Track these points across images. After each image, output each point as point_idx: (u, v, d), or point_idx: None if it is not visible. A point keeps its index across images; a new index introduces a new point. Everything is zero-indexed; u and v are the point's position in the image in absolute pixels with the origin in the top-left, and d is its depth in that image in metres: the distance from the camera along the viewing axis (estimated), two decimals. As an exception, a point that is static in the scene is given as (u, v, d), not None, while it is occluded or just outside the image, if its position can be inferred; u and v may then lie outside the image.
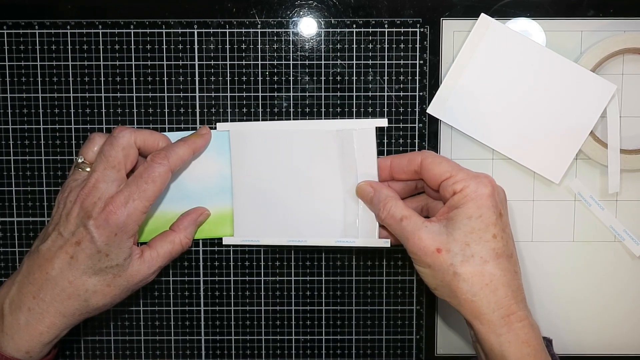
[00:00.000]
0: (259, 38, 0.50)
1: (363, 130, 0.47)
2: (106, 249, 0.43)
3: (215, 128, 0.49)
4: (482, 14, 0.49)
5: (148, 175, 0.44)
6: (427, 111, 0.50)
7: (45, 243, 0.43)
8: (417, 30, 0.50)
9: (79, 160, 0.45)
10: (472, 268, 0.41)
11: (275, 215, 0.50)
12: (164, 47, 0.50)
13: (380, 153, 0.50)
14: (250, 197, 0.49)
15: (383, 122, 0.48)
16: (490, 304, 0.41)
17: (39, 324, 0.43)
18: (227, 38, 0.50)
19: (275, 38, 0.50)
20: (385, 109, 0.50)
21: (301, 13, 0.50)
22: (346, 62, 0.50)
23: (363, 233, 0.48)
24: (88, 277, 0.43)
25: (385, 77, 0.50)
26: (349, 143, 0.48)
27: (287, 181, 0.49)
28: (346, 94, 0.50)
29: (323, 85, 0.50)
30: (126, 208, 0.43)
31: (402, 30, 0.50)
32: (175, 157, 0.45)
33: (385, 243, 0.48)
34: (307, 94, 0.50)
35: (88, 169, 0.45)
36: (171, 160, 0.45)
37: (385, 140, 0.50)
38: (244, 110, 0.50)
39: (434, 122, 0.50)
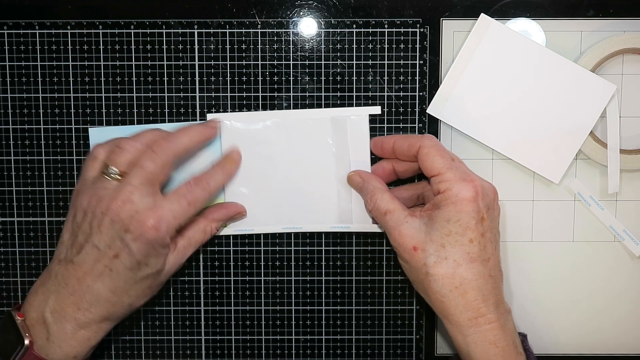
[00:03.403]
0: (259, 38, 0.50)
1: (356, 118, 0.49)
2: (145, 259, 0.43)
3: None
4: (482, 14, 0.49)
5: (191, 198, 0.44)
6: (427, 111, 0.50)
7: (80, 255, 0.43)
8: (417, 30, 0.50)
9: (112, 170, 0.44)
10: (444, 270, 0.42)
11: (269, 204, 0.50)
12: (164, 47, 0.50)
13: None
14: (242, 187, 0.50)
15: (376, 110, 0.49)
16: (458, 306, 0.42)
17: (86, 331, 0.43)
18: (227, 38, 0.50)
19: (275, 38, 0.50)
20: (385, 109, 0.50)
21: (301, 13, 0.50)
22: (346, 62, 0.50)
23: (357, 219, 0.50)
24: (130, 286, 0.43)
25: (385, 77, 0.50)
26: (342, 130, 0.49)
27: (279, 170, 0.50)
28: (346, 94, 0.50)
29: (323, 85, 0.50)
30: (166, 224, 0.43)
31: (402, 30, 0.50)
32: (215, 185, 0.47)
33: (380, 228, 0.50)
34: (307, 94, 0.50)
35: (119, 178, 0.43)
36: (211, 187, 0.46)
37: (385, 140, 0.50)
38: (244, 110, 0.50)
39: (434, 122, 0.50)
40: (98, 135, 0.50)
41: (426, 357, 0.53)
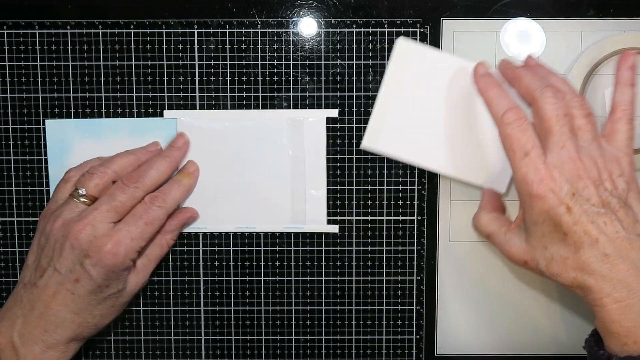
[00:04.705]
0: (259, 38, 0.50)
1: (314, 120, 0.50)
2: (106, 282, 0.44)
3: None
4: (399, 39, 0.48)
5: (147, 218, 0.45)
6: (362, 147, 0.48)
7: (43, 278, 0.44)
8: (417, 30, 0.50)
9: (81, 192, 0.45)
10: (557, 268, 0.41)
11: (223, 203, 0.50)
12: (164, 47, 0.50)
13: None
14: (197, 185, 0.50)
15: (333, 113, 0.50)
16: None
17: (55, 352, 0.44)
18: (227, 38, 0.50)
19: (275, 38, 0.50)
20: (385, 109, 0.50)
21: (301, 13, 0.50)
22: (346, 62, 0.50)
23: (311, 219, 0.51)
24: (93, 307, 0.44)
25: (385, 77, 0.50)
26: (299, 132, 0.50)
27: (235, 169, 0.50)
28: (346, 94, 0.50)
29: (323, 85, 0.50)
30: (124, 248, 0.43)
31: (402, 30, 0.50)
32: (172, 201, 0.47)
33: (334, 229, 0.51)
34: (307, 94, 0.50)
35: (86, 201, 0.45)
36: (168, 204, 0.46)
37: (385, 140, 0.50)
38: (244, 110, 0.50)
39: (434, 122, 0.50)
40: (55, 127, 0.50)
41: (426, 357, 0.53)
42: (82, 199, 0.45)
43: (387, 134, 0.48)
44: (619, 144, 0.43)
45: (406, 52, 0.48)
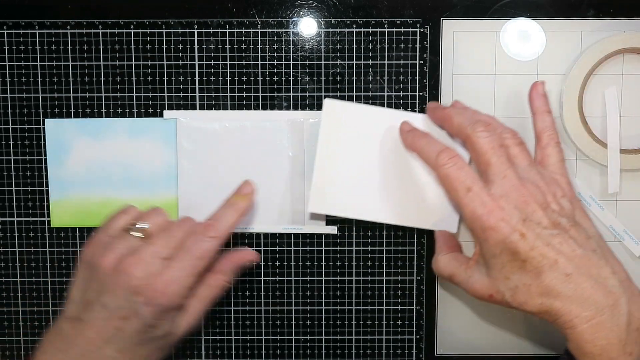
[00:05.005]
0: (259, 38, 0.50)
1: (313, 121, 0.50)
2: (155, 322, 0.42)
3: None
4: (325, 100, 0.48)
5: (199, 251, 0.42)
6: (309, 211, 0.48)
7: (90, 313, 0.42)
8: (417, 30, 0.50)
9: (138, 227, 0.43)
10: (523, 297, 0.41)
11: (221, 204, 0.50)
12: (164, 47, 0.50)
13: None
14: (196, 185, 0.50)
15: None
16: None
17: None
18: (227, 38, 0.50)
19: (275, 38, 0.50)
20: (385, 109, 0.50)
21: (301, 13, 0.50)
22: (346, 62, 0.50)
23: (310, 220, 0.51)
24: (139, 347, 0.42)
25: (385, 77, 0.50)
26: (298, 133, 0.50)
27: (234, 170, 0.50)
28: (346, 94, 0.50)
29: (323, 85, 0.50)
30: (176, 286, 0.42)
31: (402, 30, 0.50)
32: (225, 228, 0.44)
33: (332, 230, 0.51)
34: (307, 94, 0.50)
35: (141, 236, 0.43)
36: (221, 232, 0.44)
37: (385, 140, 0.50)
38: (244, 110, 0.50)
39: (434, 122, 0.50)
40: (54, 126, 0.50)
41: (426, 357, 0.53)
42: (136, 233, 0.43)
43: (331, 196, 0.48)
44: (553, 167, 0.44)
45: (335, 111, 0.48)
